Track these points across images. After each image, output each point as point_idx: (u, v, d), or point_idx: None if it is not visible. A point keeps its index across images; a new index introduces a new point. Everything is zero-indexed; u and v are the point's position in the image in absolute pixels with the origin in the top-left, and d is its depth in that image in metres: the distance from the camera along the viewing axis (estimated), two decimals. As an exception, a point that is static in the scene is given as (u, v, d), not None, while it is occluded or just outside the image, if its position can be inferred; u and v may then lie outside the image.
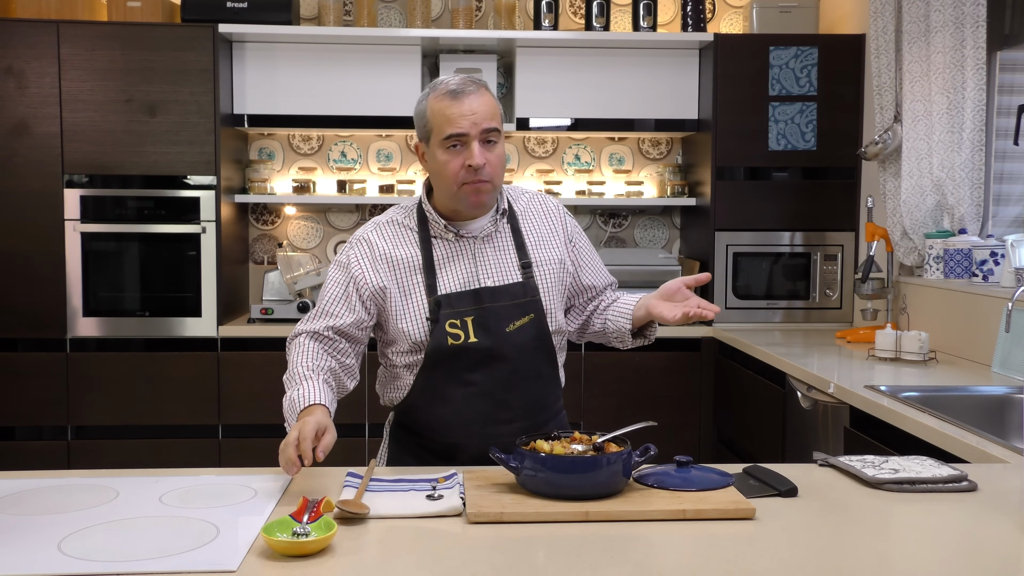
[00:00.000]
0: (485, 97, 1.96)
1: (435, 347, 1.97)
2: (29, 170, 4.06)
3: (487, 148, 1.94)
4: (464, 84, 1.95)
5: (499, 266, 2.03)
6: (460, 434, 2.01)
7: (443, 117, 1.93)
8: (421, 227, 2.04)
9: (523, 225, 2.09)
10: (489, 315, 1.98)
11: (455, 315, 1.97)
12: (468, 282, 2.00)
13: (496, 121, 1.96)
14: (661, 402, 4.18)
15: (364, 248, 2.03)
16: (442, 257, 2.02)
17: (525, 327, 2.00)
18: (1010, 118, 3.55)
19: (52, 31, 4.03)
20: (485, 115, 1.93)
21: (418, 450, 2.06)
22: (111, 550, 1.41)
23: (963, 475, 1.76)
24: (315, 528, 1.43)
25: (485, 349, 1.97)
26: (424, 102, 1.98)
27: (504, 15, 4.49)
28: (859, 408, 2.71)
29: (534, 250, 2.07)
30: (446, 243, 2.03)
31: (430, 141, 1.97)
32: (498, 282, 2.01)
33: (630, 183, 4.73)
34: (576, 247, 2.16)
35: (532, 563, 1.41)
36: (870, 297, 3.76)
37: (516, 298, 2.00)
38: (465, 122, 1.92)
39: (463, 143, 1.93)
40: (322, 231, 4.75)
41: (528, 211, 2.12)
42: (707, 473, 1.73)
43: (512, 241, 2.06)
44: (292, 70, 4.32)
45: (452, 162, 1.94)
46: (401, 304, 2.00)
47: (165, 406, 4.11)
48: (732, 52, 4.26)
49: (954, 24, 3.44)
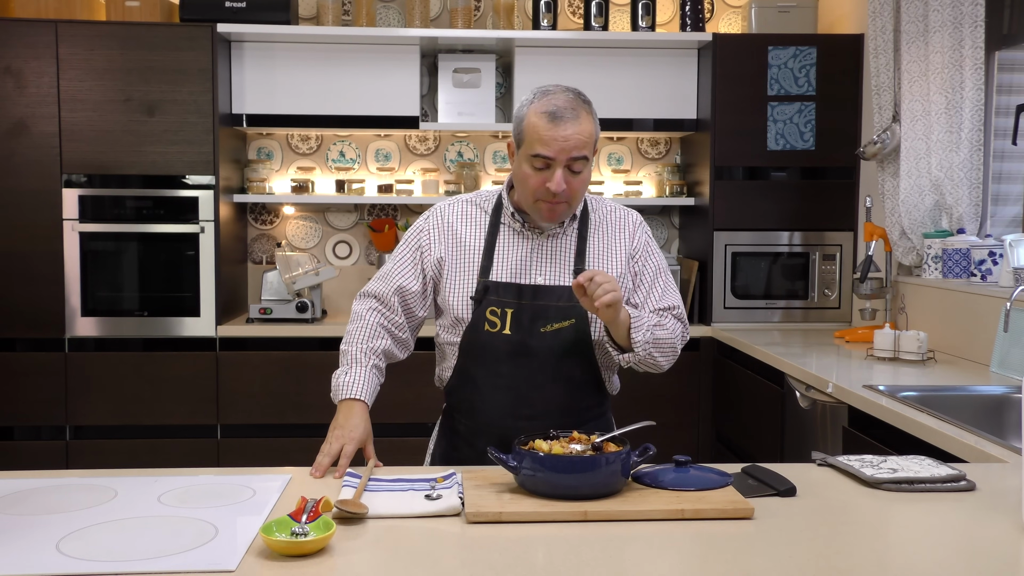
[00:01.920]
0: (583, 124, 1.94)
1: (472, 328, 2.04)
2: (27, 170, 4.05)
3: (572, 175, 1.95)
4: (565, 109, 1.93)
5: (554, 266, 2.06)
6: (482, 421, 2.06)
7: (536, 136, 1.94)
8: (494, 212, 2.10)
9: (592, 234, 2.10)
10: (527, 311, 2.02)
11: (498, 303, 2.02)
12: (519, 274, 2.04)
13: (587, 149, 1.95)
14: (660, 402, 4.18)
15: (436, 219, 2.12)
16: (504, 244, 2.07)
17: (564, 330, 2.02)
18: (1008, 118, 3.55)
19: (50, 31, 4.03)
20: (577, 144, 1.93)
21: (450, 433, 2.15)
22: (110, 550, 1.41)
23: (961, 475, 1.76)
24: (314, 528, 1.43)
25: (516, 343, 2.01)
26: (525, 109, 1.98)
27: (503, 15, 4.49)
28: (858, 408, 2.71)
29: (594, 259, 2.08)
30: (512, 232, 2.08)
31: (520, 149, 1.99)
32: (549, 281, 2.05)
33: (629, 183, 4.73)
34: (638, 262, 2.13)
35: (531, 563, 1.41)
36: (869, 297, 3.77)
37: (560, 300, 2.03)
38: (555, 147, 1.92)
39: (548, 166, 1.94)
40: (321, 231, 4.75)
41: (604, 222, 2.13)
42: (706, 473, 1.73)
43: (575, 246, 2.08)
44: (291, 70, 4.32)
45: (534, 178, 1.96)
46: (453, 278, 2.07)
47: (164, 406, 4.11)
48: (731, 52, 4.26)
49: (952, 24, 3.44)
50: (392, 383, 2.31)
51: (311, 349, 4.12)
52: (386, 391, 3.43)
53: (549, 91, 1.98)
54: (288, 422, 4.12)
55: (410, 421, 3.87)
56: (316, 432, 1.96)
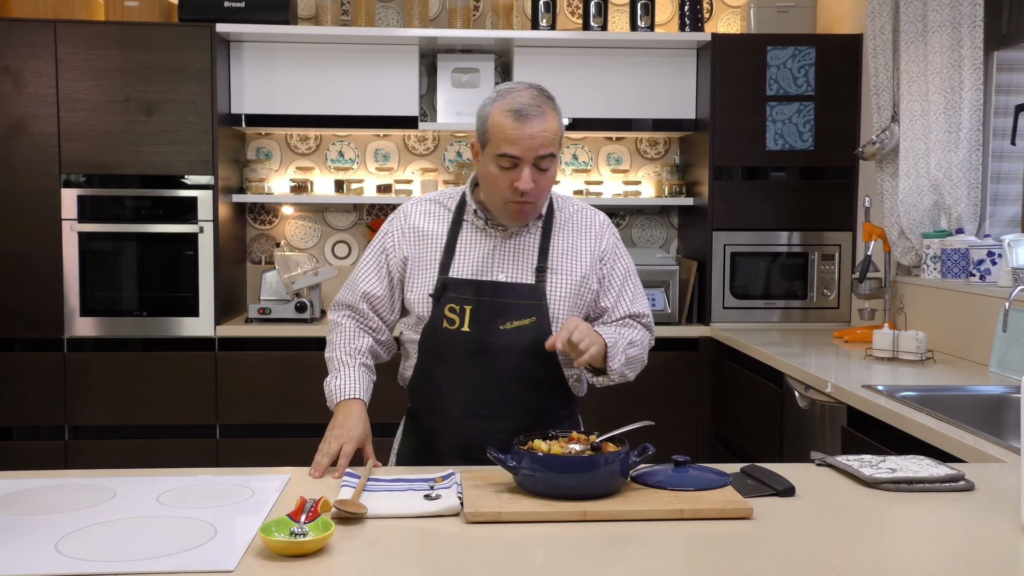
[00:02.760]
0: (549, 121, 1.93)
1: (431, 326, 2.02)
2: (26, 170, 4.05)
3: (539, 171, 1.94)
4: (530, 106, 1.91)
5: (515, 263, 2.04)
6: (441, 420, 2.04)
7: (502, 135, 1.92)
8: (457, 209, 2.09)
9: (557, 233, 2.08)
10: (487, 309, 1.99)
11: (456, 300, 2.00)
12: (480, 271, 2.02)
13: (553, 146, 1.94)
14: (659, 402, 4.18)
15: (400, 220, 2.12)
16: (465, 241, 2.05)
17: (524, 329, 2.00)
18: (1007, 118, 3.56)
19: (49, 31, 4.02)
20: (544, 141, 1.92)
21: (413, 434, 2.12)
22: (109, 550, 1.41)
23: (960, 475, 1.76)
24: (313, 528, 1.43)
25: (475, 341, 1.99)
26: (489, 108, 1.96)
27: (502, 15, 4.49)
28: (856, 408, 2.71)
29: (557, 258, 2.05)
30: (474, 229, 2.06)
31: (485, 149, 1.97)
32: (510, 278, 2.02)
33: (628, 183, 4.73)
34: (606, 265, 2.11)
35: (530, 563, 1.41)
36: (867, 297, 3.77)
37: (520, 298, 2.00)
38: (522, 146, 1.91)
39: (515, 165, 1.93)
40: (320, 231, 4.75)
41: (570, 221, 2.11)
42: (705, 473, 1.73)
43: (538, 244, 2.06)
44: (290, 70, 4.32)
45: (501, 178, 1.95)
46: (415, 275, 2.06)
47: (162, 406, 4.11)
48: (730, 52, 4.26)
49: (951, 24, 3.45)
50: (390, 383, 2.31)
51: (310, 349, 4.12)
52: (385, 392, 3.40)
53: (513, 88, 1.95)
54: (287, 422, 4.12)
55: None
56: (315, 432, 1.96)
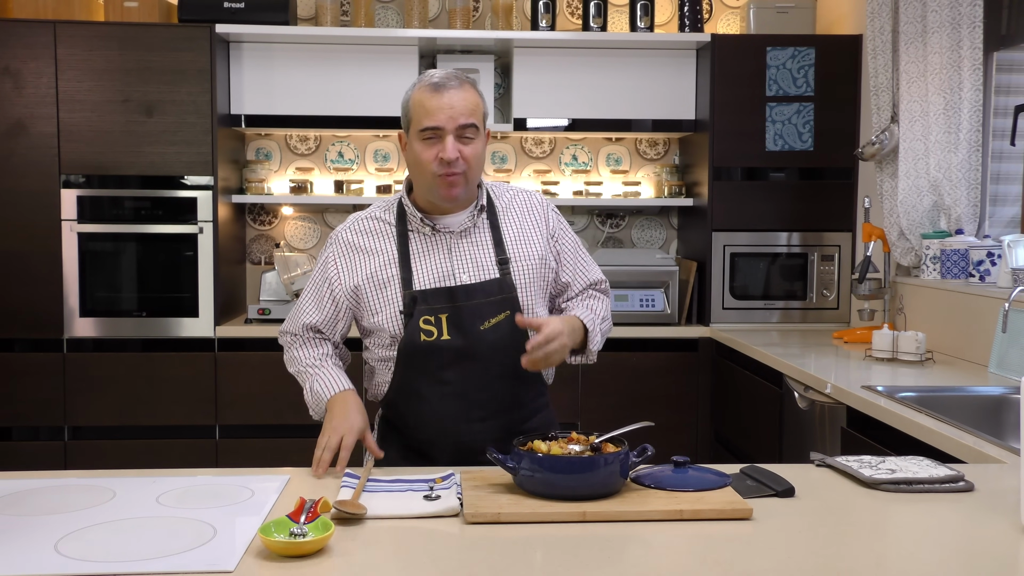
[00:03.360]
0: (467, 92, 1.96)
1: (408, 342, 1.99)
2: (26, 170, 4.05)
3: (463, 143, 1.95)
4: (447, 78, 1.96)
5: (475, 262, 2.03)
6: (434, 431, 2.02)
7: (422, 109, 1.95)
8: (399, 221, 2.06)
9: (503, 221, 2.08)
10: (463, 313, 1.98)
11: (429, 311, 1.98)
12: (444, 277, 2.01)
13: (474, 117, 1.96)
14: (658, 402, 4.18)
15: (340, 247, 2.08)
16: (418, 251, 2.03)
17: (500, 325, 2.00)
18: (1007, 119, 3.56)
19: (49, 31, 4.02)
20: (463, 110, 1.94)
21: (399, 446, 2.08)
22: (108, 551, 1.41)
23: (960, 475, 1.76)
24: (312, 528, 1.43)
25: (458, 348, 1.98)
26: (408, 92, 2.01)
27: (501, 15, 4.49)
28: (856, 408, 2.71)
29: (513, 246, 2.06)
30: (423, 237, 2.04)
31: (409, 131, 2.00)
32: (474, 278, 2.01)
33: (627, 183, 4.73)
34: (558, 242, 2.14)
35: (529, 563, 1.41)
36: (867, 297, 3.77)
37: (491, 295, 2.00)
38: (441, 116, 1.93)
39: (438, 136, 1.94)
40: (319, 231, 4.75)
41: (511, 207, 2.12)
42: (704, 473, 1.73)
43: (490, 237, 2.05)
44: (289, 70, 4.32)
45: (425, 153, 1.96)
46: (376, 298, 2.03)
47: (162, 406, 4.11)
48: (729, 52, 4.26)
49: (951, 24, 3.45)
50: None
51: (310, 350, 4.12)
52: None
53: (428, 72, 2.02)
54: (286, 423, 4.12)
55: None
56: (314, 433, 1.95)
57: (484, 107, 2.02)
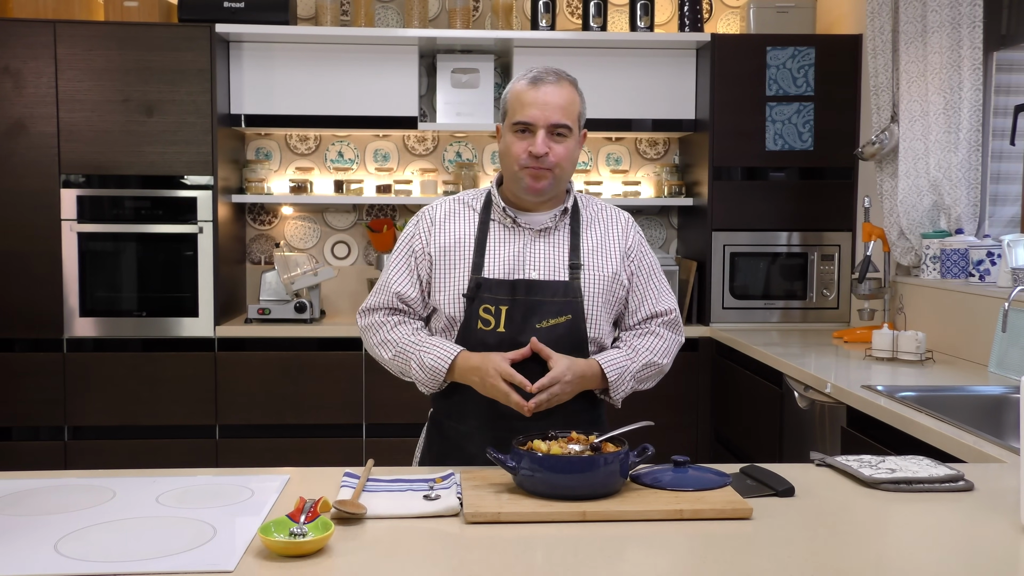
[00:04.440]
0: (564, 90, 1.99)
1: (465, 328, 2.01)
2: (26, 170, 4.05)
3: (555, 140, 1.98)
4: (545, 73, 2.00)
5: (548, 261, 2.03)
6: (473, 423, 2.02)
7: (518, 102, 1.99)
8: (484, 209, 2.09)
9: (585, 230, 2.09)
10: (522, 308, 1.99)
11: (491, 300, 1.99)
12: (513, 270, 2.01)
13: (568, 117, 1.98)
14: (658, 402, 4.15)
15: (425, 221, 2.11)
16: (495, 240, 2.05)
17: (559, 327, 1.99)
18: (1007, 118, 3.56)
19: (49, 31, 4.02)
20: (557, 107, 1.97)
21: (440, 441, 2.09)
22: (108, 550, 1.41)
23: (960, 475, 1.76)
24: (312, 528, 1.43)
25: (512, 341, 1.98)
26: (510, 86, 2.04)
27: (501, 15, 4.49)
28: (856, 408, 2.71)
29: (588, 254, 2.06)
30: (503, 228, 2.06)
31: (505, 124, 2.03)
32: (543, 276, 2.01)
33: (627, 183, 4.73)
34: (633, 262, 2.11)
35: (529, 563, 1.41)
36: (867, 297, 3.77)
37: (555, 296, 2.00)
38: (535, 111, 1.97)
39: (530, 131, 1.98)
40: (319, 231, 4.75)
41: (596, 219, 2.12)
42: (704, 473, 1.73)
43: (568, 241, 2.06)
44: (289, 70, 4.32)
45: (516, 145, 1.99)
46: (443, 276, 2.04)
47: (162, 406, 4.11)
48: (729, 52, 4.26)
49: (951, 24, 3.45)
50: (390, 383, 2.30)
51: (310, 349, 4.12)
52: (385, 392, 3.46)
53: (531, 67, 2.05)
54: (287, 422, 4.12)
55: (411, 421, 3.86)
56: (314, 433, 1.96)
57: (581, 108, 2.04)
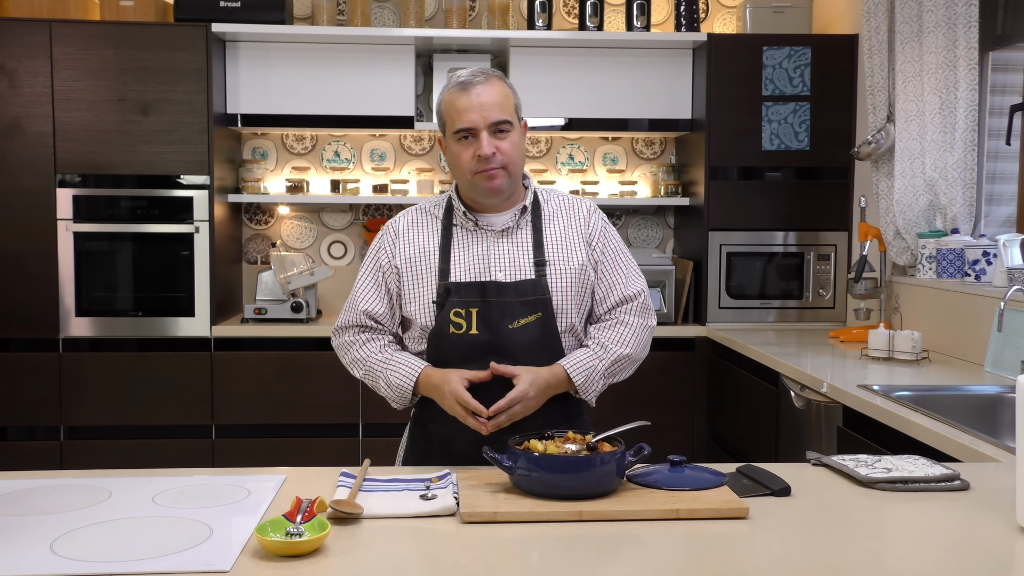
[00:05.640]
0: (494, 87, 1.99)
1: (437, 333, 2.01)
2: (21, 170, 4.04)
3: (498, 137, 1.98)
4: (472, 75, 1.99)
5: (512, 261, 2.03)
6: (456, 427, 2.00)
7: (453, 110, 1.99)
8: (446, 216, 2.09)
9: (547, 225, 2.09)
10: (493, 309, 1.99)
11: (461, 304, 1.99)
12: (479, 273, 2.02)
13: (506, 112, 1.99)
14: (655, 402, 4.18)
15: (389, 235, 2.12)
16: (459, 245, 2.05)
17: (530, 325, 2.00)
18: (1002, 118, 3.56)
19: (44, 30, 4.02)
20: (493, 106, 1.97)
21: (423, 442, 2.10)
22: (104, 550, 1.41)
23: (955, 474, 1.76)
24: (308, 528, 1.43)
25: (485, 343, 1.98)
26: (440, 96, 2.04)
27: (498, 15, 4.49)
28: (852, 408, 2.71)
29: (553, 250, 2.06)
30: (465, 232, 2.07)
31: (446, 134, 2.03)
32: (509, 277, 2.02)
33: (624, 183, 4.73)
34: (596, 249, 2.10)
35: (526, 563, 1.41)
36: (863, 297, 3.77)
37: (524, 295, 2.00)
38: (472, 115, 1.96)
39: (473, 135, 1.98)
40: (315, 231, 4.75)
41: (558, 212, 2.12)
42: (700, 473, 1.74)
43: (531, 238, 2.06)
44: (286, 70, 4.32)
45: (463, 153, 2.00)
46: (412, 287, 2.05)
47: (158, 406, 4.11)
48: (725, 52, 4.26)
49: (947, 24, 3.45)
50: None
51: (306, 349, 4.12)
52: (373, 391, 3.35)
53: (456, 73, 2.04)
54: (283, 422, 4.12)
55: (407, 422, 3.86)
56: (311, 432, 1.96)
57: (515, 99, 2.04)
